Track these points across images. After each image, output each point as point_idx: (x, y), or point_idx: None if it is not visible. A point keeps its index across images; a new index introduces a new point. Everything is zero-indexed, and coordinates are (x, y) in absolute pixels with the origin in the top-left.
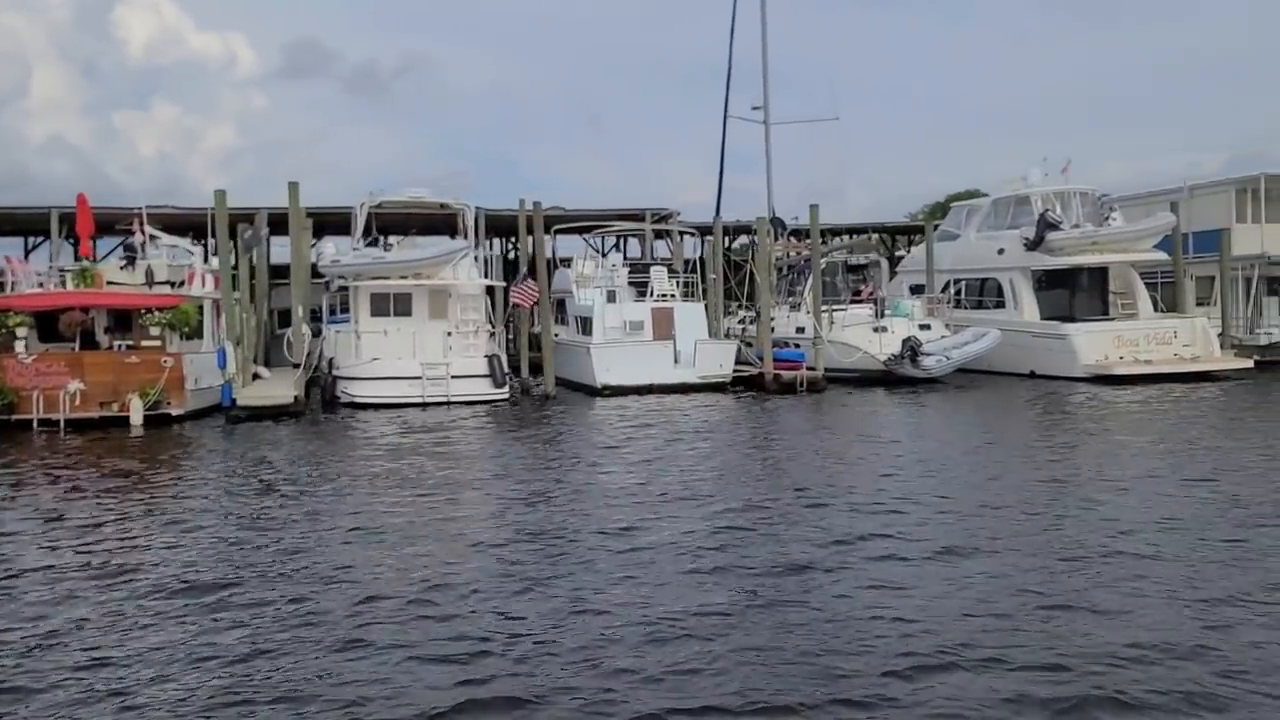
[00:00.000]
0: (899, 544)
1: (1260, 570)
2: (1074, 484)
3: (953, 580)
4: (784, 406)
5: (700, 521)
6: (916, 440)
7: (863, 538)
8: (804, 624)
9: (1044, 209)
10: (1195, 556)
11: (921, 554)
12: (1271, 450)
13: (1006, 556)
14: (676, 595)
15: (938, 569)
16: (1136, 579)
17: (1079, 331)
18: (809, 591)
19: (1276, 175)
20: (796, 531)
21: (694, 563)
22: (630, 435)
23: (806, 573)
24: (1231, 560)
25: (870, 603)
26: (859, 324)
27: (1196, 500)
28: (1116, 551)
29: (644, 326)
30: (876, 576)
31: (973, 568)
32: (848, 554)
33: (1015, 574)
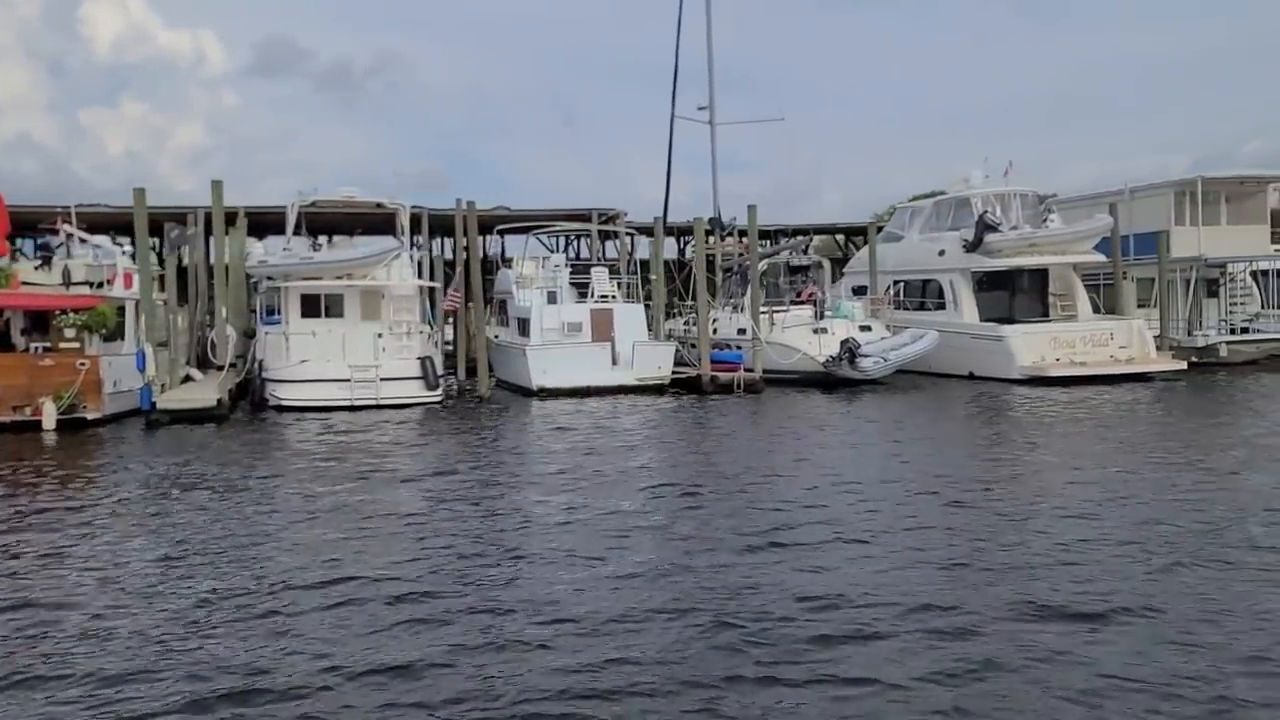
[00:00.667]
0: (801, 532)
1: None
2: (964, 479)
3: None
4: (716, 408)
5: (596, 529)
6: (830, 440)
7: (756, 534)
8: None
9: (983, 211)
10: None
11: (822, 540)
12: (1163, 453)
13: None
14: (562, 609)
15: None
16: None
17: (1015, 333)
18: (720, 586)
19: (1213, 178)
20: (700, 527)
21: (589, 570)
22: (552, 438)
23: (711, 571)
24: (1091, 536)
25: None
26: (799, 325)
27: (1085, 496)
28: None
29: (582, 328)
30: (772, 564)
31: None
32: (743, 554)
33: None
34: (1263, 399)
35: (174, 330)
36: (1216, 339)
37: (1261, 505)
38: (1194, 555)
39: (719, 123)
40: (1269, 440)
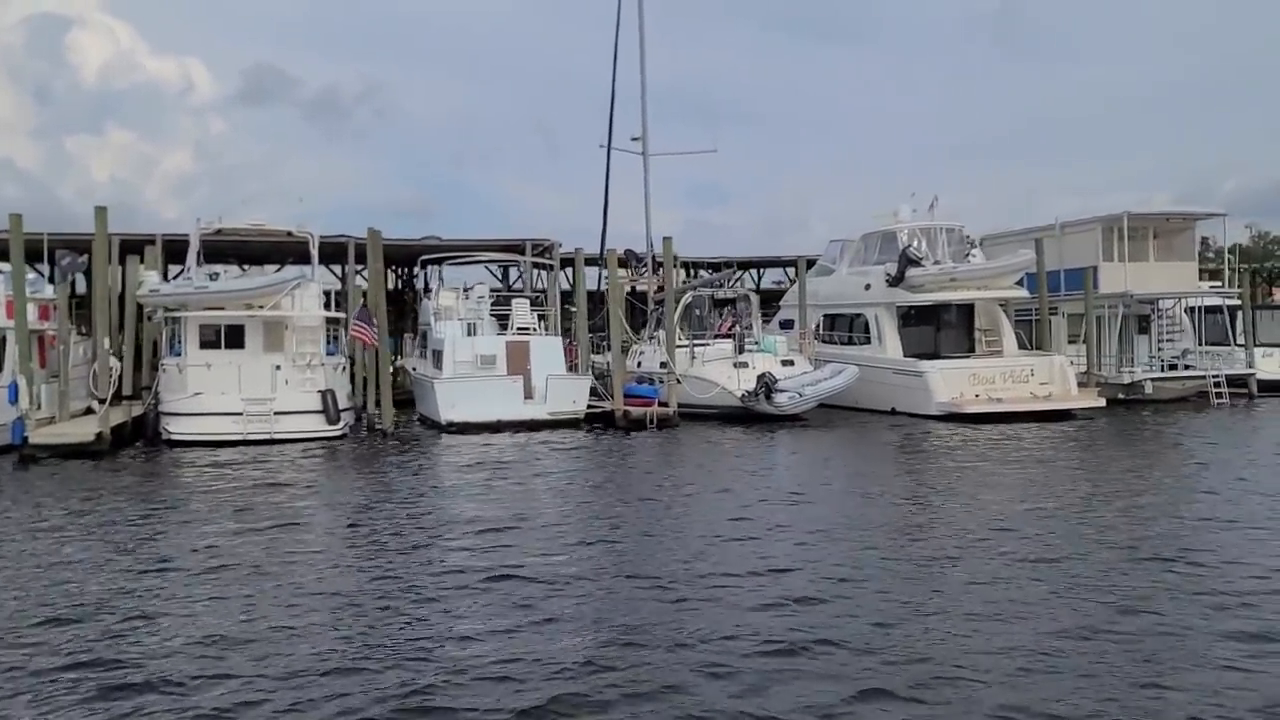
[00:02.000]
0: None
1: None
2: (845, 521)
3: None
4: (623, 445)
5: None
6: (727, 481)
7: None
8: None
9: (906, 245)
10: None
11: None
12: (1046, 496)
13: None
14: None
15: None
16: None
17: (934, 369)
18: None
19: (1140, 214)
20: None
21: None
22: (437, 477)
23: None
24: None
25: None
26: (719, 359)
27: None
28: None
29: (496, 361)
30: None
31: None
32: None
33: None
34: (1176, 438)
35: (63, 361)
36: (1142, 376)
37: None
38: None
39: (651, 154)
40: (1165, 481)
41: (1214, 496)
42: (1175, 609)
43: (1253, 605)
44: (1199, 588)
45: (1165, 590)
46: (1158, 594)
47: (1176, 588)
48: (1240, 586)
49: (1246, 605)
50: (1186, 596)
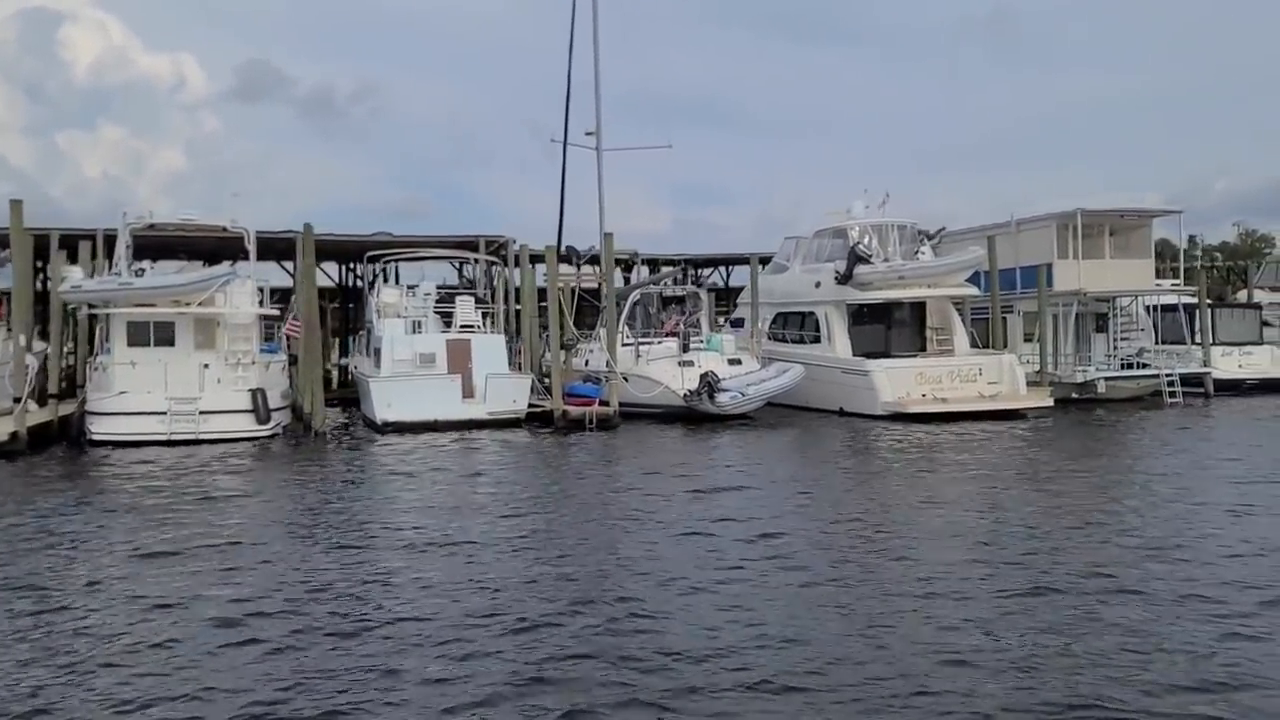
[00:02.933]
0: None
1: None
2: (749, 516)
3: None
4: (559, 446)
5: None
6: (655, 484)
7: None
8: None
9: (855, 243)
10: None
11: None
12: (968, 500)
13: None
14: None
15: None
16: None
17: (879, 368)
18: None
19: (1093, 211)
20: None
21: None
22: (362, 478)
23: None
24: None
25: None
26: (664, 358)
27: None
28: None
29: (436, 359)
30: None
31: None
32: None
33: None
34: (1117, 440)
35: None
36: (1095, 375)
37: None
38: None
39: (605, 149)
40: (1103, 482)
41: (1128, 503)
42: (1057, 616)
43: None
44: (1073, 598)
45: (1049, 602)
46: (1044, 605)
47: (1060, 597)
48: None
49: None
50: (1065, 601)
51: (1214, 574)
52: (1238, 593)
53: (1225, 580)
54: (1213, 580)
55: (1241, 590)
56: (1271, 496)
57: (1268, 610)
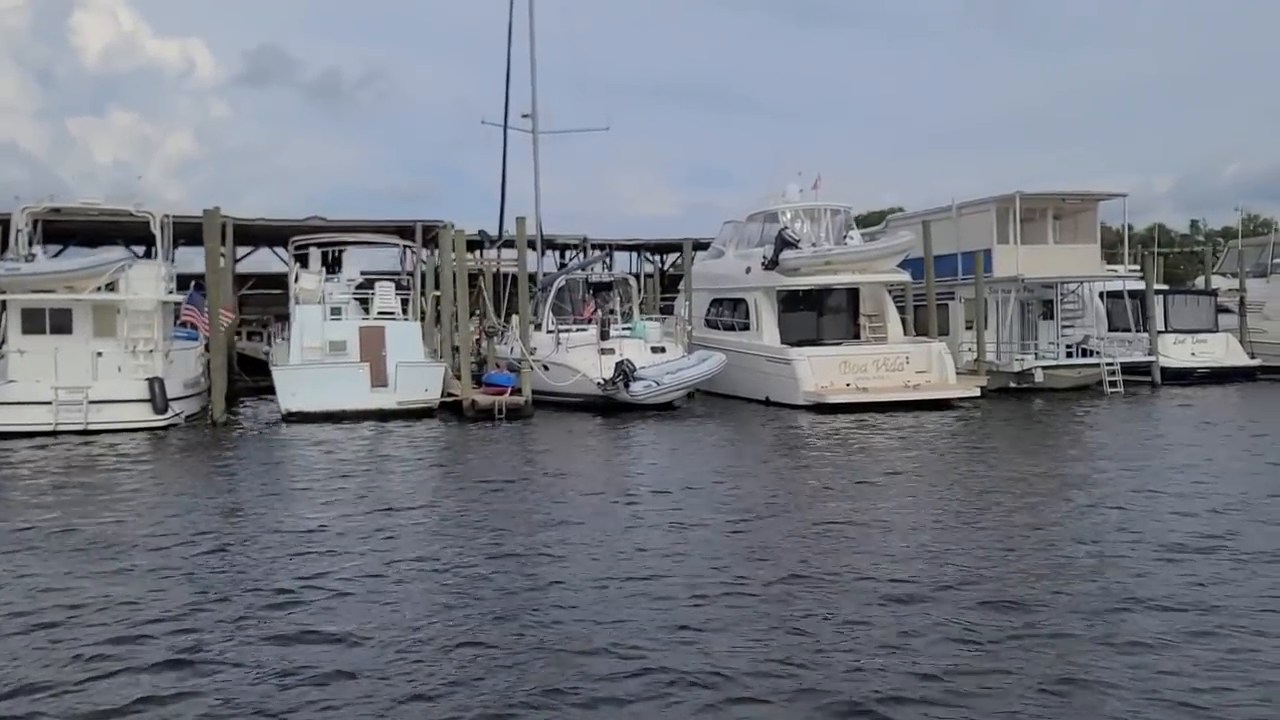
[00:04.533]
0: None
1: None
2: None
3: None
4: (460, 436)
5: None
6: (514, 471)
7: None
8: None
9: (783, 227)
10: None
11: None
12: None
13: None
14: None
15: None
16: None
17: (801, 357)
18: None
19: (1033, 195)
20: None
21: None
22: (233, 471)
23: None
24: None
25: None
26: (583, 346)
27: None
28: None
29: (347, 346)
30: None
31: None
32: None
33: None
34: (1037, 431)
35: None
36: (1032, 364)
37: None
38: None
39: (542, 131)
40: (981, 482)
41: (997, 505)
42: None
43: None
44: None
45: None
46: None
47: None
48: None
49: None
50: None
51: (1063, 588)
52: (1082, 625)
53: (1072, 609)
54: (1059, 602)
55: (1090, 623)
56: (1140, 495)
57: (1103, 622)
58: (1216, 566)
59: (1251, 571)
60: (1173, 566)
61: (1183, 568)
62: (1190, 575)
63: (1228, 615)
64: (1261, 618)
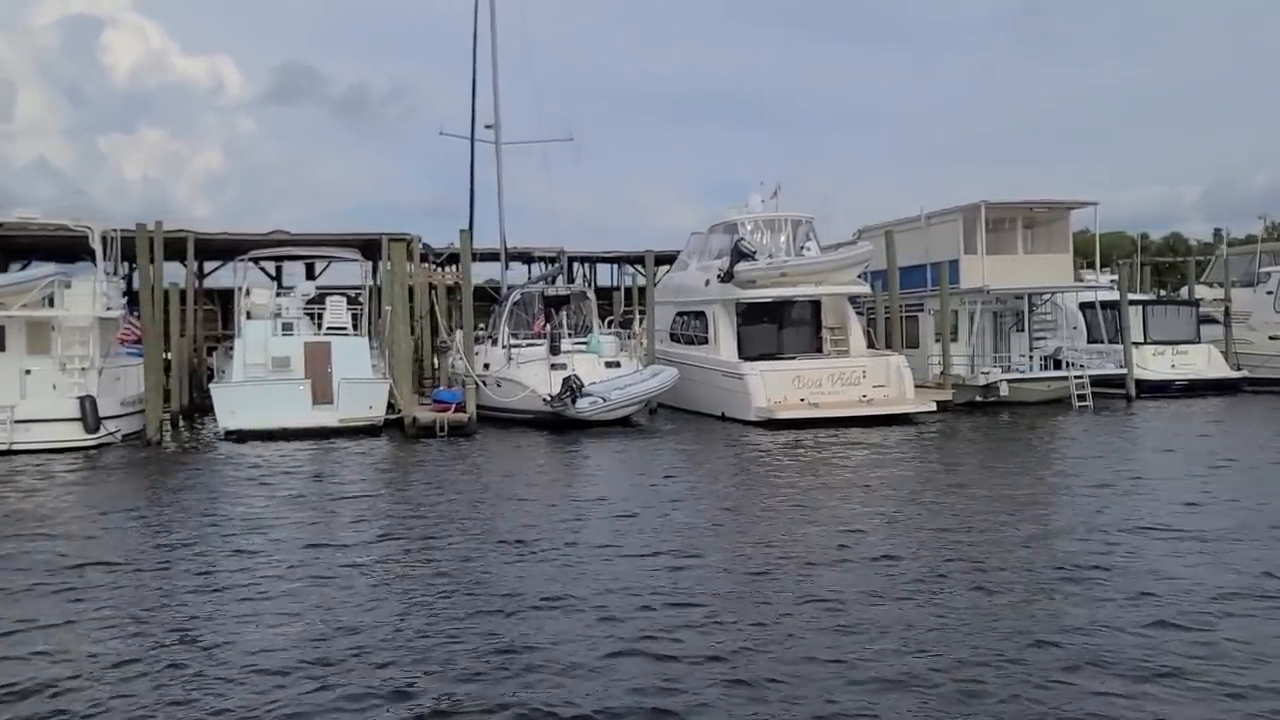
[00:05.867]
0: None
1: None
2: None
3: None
4: (398, 455)
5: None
6: (435, 492)
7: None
8: None
9: (738, 238)
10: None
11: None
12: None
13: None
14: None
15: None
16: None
17: (754, 371)
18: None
19: (999, 204)
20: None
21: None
22: (149, 493)
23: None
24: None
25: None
26: (534, 361)
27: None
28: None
29: (291, 363)
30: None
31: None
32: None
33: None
34: (988, 450)
35: None
36: (998, 377)
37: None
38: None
39: (504, 142)
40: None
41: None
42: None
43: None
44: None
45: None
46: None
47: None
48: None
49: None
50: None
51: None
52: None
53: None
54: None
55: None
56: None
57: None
58: (1096, 611)
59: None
60: (1056, 601)
61: (1074, 604)
62: (1084, 621)
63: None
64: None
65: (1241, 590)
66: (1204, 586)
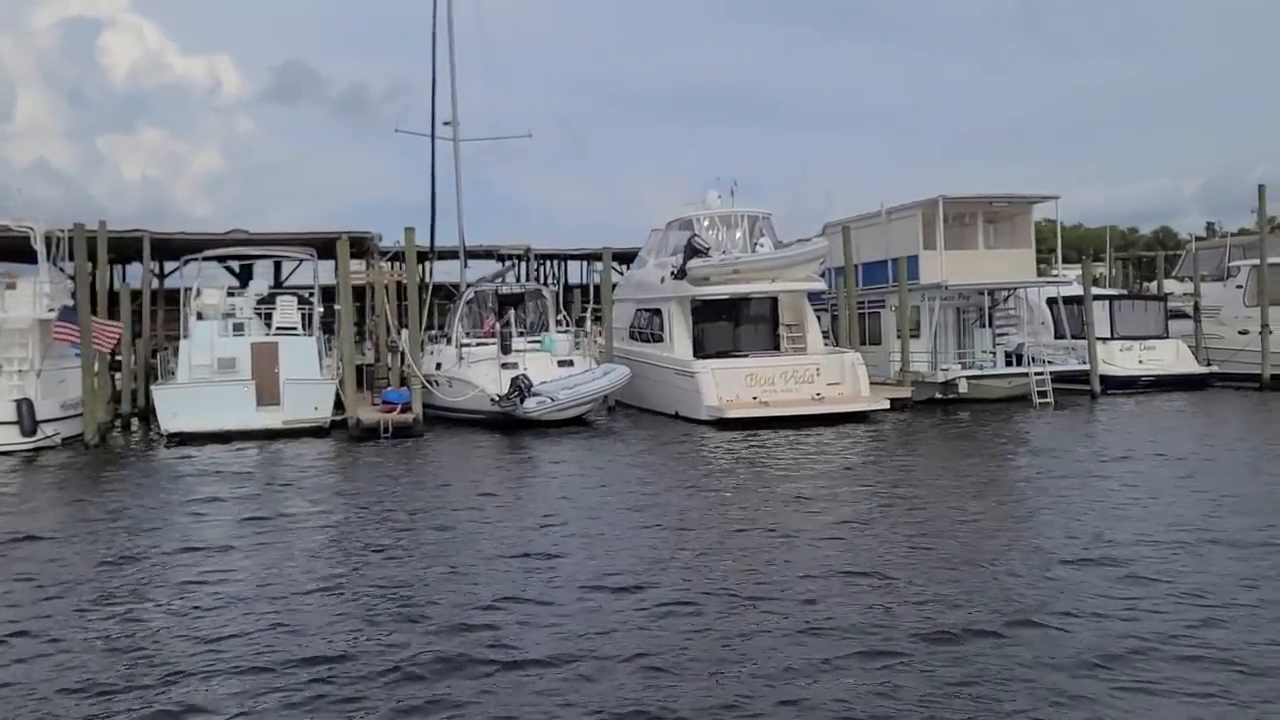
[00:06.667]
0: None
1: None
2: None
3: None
4: (340, 457)
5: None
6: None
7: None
8: None
9: (692, 234)
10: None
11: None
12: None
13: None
14: None
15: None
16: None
17: (705, 369)
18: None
19: (956, 199)
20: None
21: None
22: (91, 496)
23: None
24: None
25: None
26: (485, 360)
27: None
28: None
29: (237, 364)
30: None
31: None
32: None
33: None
34: (936, 450)
35: None
36: (958, 374)
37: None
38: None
39: (463, 139)
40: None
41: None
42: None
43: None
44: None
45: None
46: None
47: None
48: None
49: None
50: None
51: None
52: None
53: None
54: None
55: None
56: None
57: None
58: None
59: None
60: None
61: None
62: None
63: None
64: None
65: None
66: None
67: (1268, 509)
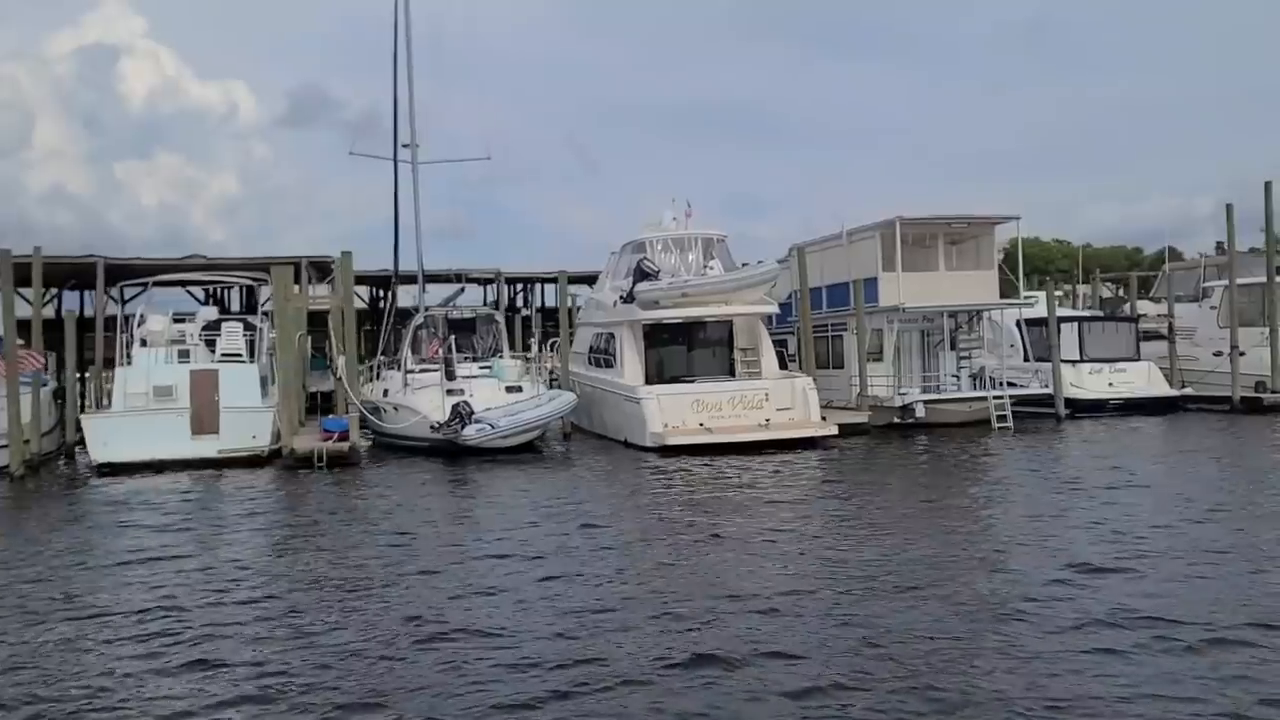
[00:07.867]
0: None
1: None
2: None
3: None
4: (262, 487)
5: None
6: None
7: None
8: None
9: (642, 257)
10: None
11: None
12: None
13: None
14: None
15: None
16: None
17: (650, 395)
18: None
19: (914, 220)
20: None
21: None
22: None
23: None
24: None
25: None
26: (429, 386)
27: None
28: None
29: (175, 392)
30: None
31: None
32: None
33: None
34: (871, 481)
35: None
36: (915, 398)
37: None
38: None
39: (421, 162)
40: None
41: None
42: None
43: None
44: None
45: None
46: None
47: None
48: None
49: None
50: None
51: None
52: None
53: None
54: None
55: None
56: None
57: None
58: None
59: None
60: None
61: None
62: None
63: None
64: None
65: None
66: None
67: (1178, 544)
